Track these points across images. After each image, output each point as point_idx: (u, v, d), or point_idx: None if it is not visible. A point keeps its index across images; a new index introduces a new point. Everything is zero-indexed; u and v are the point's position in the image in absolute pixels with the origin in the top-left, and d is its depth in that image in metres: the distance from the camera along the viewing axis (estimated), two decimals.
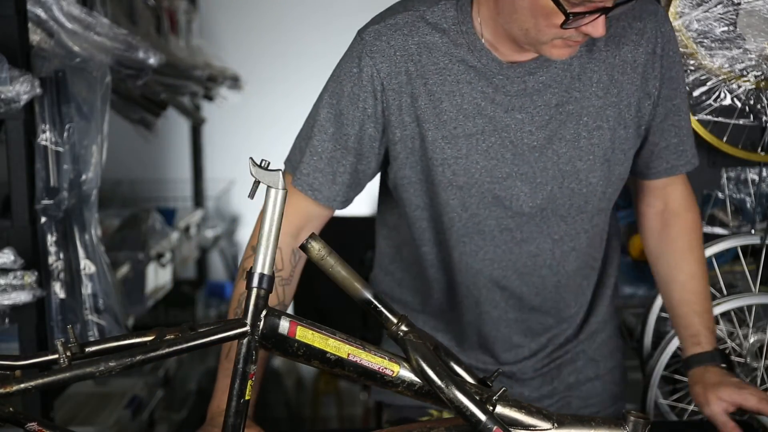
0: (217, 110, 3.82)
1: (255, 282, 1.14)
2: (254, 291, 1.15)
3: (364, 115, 1.48)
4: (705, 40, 1.83)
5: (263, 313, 1.16)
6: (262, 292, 1.15)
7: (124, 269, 2.38)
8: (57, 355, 1.16)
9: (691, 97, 1.85)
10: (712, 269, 1.85)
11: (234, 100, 3.68)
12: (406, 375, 1.21)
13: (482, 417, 1.16)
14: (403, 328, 1.25)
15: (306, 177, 1.52)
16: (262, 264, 1.14)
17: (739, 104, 1.86)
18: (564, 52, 1.39)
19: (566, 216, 1.54)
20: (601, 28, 1.32)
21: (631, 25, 1.49)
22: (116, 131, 2.19)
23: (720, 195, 2.00)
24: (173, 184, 3.98)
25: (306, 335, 1.18)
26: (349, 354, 1.19)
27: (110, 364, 1.12)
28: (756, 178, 1.99)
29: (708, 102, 1.86)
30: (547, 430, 1.23)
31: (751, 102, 1.87)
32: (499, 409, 1.22)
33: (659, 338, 2.00)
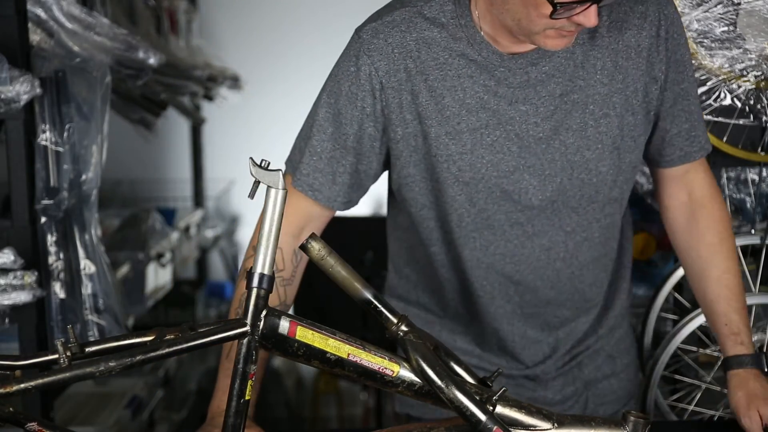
0: (217, 110, 3.82)
1: (255, 282, 1.14)
2: (254, 291, 1.15)
3: (363, 114, 1.48)
4: (705, 40, 1.83)
5: (263, 313, 1.16)
6: (262, 292, 1.15)
7: (124, 269, 2.38)
8: (57, 355, 1.16)
9: None
10: None
11: (234, 100, 3.68)
12: (406, 375, 1.21)
13: (482, 417, 1.16)
14: (403, 328, 1.25)
15: (306, 177, 1.51)
16: (263, 264, 1.14)
17: (739, 104, 1.86)
18: (558, 43, 1.36)
19: (577, 207, 1.52)
20: (594, 18, 1.30)
21: (633, 9, 1.46)
22: (116, 131, 2.19)
23: None
24: (173, 184, 3.98)
25: (306, 335, 1.18)
26: (349, 354, 1.19)
27: (110, 364, 1.12)
28: (756, 178, 1.99)
29: (708, 102, 1.85)
30: (547, 430, 1.23)
31: (751, 102, 1.86)
32: (499, 409, 1.22)
33: (659, 338, 2.00)
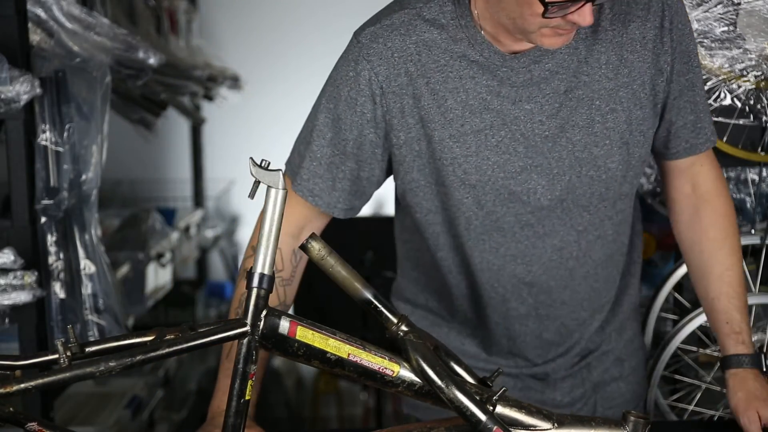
0: (217, 110, 3.82)
1: (255, 282, 1.14)
2: (254, 291, 1.15)
3: (363, 119, 1.45)
4: (705, 40, 1.83)
5: (263, 313, 1.16)
6: (262, 292, 1.15)
7: (124, 269, 2.38)
8: (57, 355, 1.16)
9: None
10: None
11: (234, 100, 3.68)
12: (406, 375, 1.21)
13: (482, 417, 1.16)
14: (403, 328, 1.25)
15: (306, 182, 1.49)
16: (262, 264, 1.14)
17: (739, 104, 1.86)
18: (555, 41, 1.34)
19: (588, 205, 1.49)
20: (588, 17, 1.28)
21: (636, 0, 1.43)
22: (116, 131, 2.19)
23: None
24: (173, 184, 3.98)
25: (306, 335, 1.18)
26: (349, 354, 1.19)
27: (110, 364, 1.12)
28: (756, 178, 1.99)
29: (708, 102, 1.85)
30: (547, 429, 1.23)
31: (751, 102, 1.86)
32: (499, 409, 1.22)
33: (659, 338, 2.00)
